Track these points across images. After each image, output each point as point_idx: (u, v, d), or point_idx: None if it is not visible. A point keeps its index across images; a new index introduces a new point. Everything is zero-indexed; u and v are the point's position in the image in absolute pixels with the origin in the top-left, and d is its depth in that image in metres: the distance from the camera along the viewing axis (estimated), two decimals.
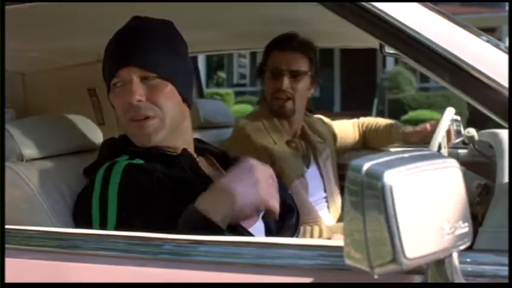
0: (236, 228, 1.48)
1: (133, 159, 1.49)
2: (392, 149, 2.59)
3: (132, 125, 1.52)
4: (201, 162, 1.64)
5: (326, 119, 2.68)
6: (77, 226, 1.50)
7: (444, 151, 2.20)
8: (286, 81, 2.28)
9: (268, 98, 2.33)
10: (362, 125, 2.72)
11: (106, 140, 1.67)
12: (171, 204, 1.41)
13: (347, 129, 2.70)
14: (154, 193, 1.42)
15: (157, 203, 1.41)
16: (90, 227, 1.42)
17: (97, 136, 1.83)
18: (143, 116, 1.50)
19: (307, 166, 2.37)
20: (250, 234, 1.53)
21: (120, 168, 1.45)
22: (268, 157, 2.16)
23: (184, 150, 1.57)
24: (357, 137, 2.70)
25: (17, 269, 1.25)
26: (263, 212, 1.63)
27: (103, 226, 1.41)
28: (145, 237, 1.21)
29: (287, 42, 2.29)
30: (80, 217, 1.49)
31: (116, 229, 1.39)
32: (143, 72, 1.50)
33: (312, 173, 2.36)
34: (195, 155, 1.63)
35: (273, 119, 2.31)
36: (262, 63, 2.37)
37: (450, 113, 2.25)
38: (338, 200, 2.43)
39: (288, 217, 1.68)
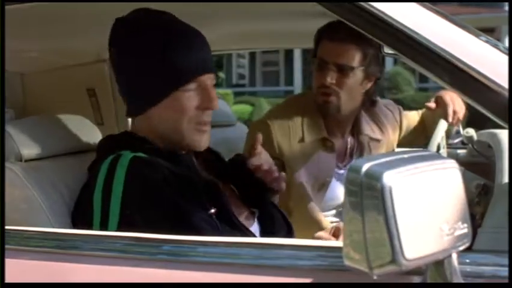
0: (240, 229, 1.48)
1: (136, 153, 1.47)
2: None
3: (198, 128, 1.52)
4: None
5: (395, 105, 2.42)
6: (76, 221, 1.49)
7: (444, 151, 2.20)
8: (330, 76, 2.02)
9: (314, 91, 2.10)
10: (423, 115, 2.44)
11: (105, 138, 1.64)
12: (177, 201, 1.41)
13: (414, 119, 2.43)
14: (161, 189, 1.41)
15: (164, 200, 1.41)
16: (90, 221, 1.41)
17: (95, 136, 1.83)
18: (209, 122, 1.54)
19: (341, 167, 2.17)
20: (252, 235, 1.53)
21: (126, 161, 1.43)
22: (280, 156, 2.05)
23: (188, 151, 1.57)
24: (420, 129, 2.42)
25: (15, 269, 1.24)
26: (258, 214, 1.64)
27: (103, 221, 1.40)
28: (143, 238, 1.21)
29: (336, 31, 2.00)
30: (81, 211, 1.48)
31: (118, 225, 1.38)
32: (214, 79, 1.55)
33: (343, 176, 2.14)
34: None
35: (315, 113, 2.11)
36: (313, 52, 2.12)
37: None
38: None
39: (277, 217, 1.67)
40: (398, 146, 2.41)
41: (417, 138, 2.40)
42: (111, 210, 1.39)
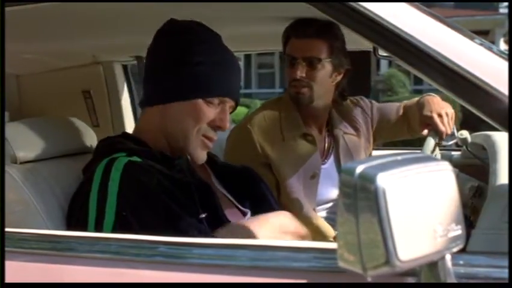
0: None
1: (131, 157, 1.49)
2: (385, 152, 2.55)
3: (204, 142, 1.59)
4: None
5: (367, 100, 2.48)
6: (70, 220, 1.50)
7: (438, 153, 2.20)
8: (300, 70, 2.11)
9: (287, 86, 2.21)
10: (405, 107, 2.46)
11: (103, 139, 1.65)
12: (169, 206, 1.41)
13: (389, 111, 2.47)
14: (154, 193, 1.42)
15: (156, 204, 1.42)
16: (85, 221, 1.42)
17: (91, 138, 1.83)
18: (214, 140, 1.62)
19: (324, 162, 2.23)
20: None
21: (120, 165, 1.44)
22: (264, 158, 2.09)
23: (183, 154, 1.58)
24: (400, 120, 2.44)
25: (10, 271, 1.24)
26: (249, 214, 1.65)
27: (99, 221, 1.40)
28: (139, 240, 1.21)
29: (301, 29, 2.12)
30: (76, 212, 1.48)
31: (114, 225, 1.39)
32: (232, 108, 1.63)
33: (327, 170, 2.21)
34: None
35: (292, 110, 2.18)
36: (283, 51, 2.22)
37: None
38: None
39: None
40: (386, 143, 2.43)
41: (398, 130, 2.45)
42: (107, 211, 1.40)
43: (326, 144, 2.26)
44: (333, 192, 2.19)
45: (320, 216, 2.15)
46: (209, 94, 1.56)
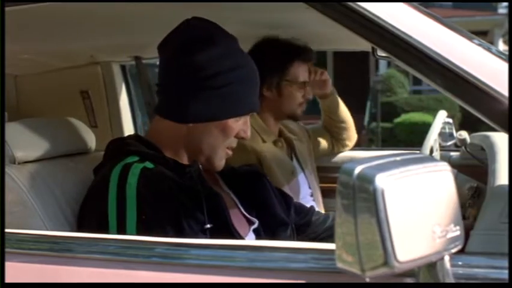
0: (234, 235, 1.49)
1: (143, 162, 1.48)
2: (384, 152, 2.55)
3: (227, 152, 1.62)
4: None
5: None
6: (83, 223, 1.49)
7: (437, 154, 2.21)
8: (311, 91, 2.39)
9: (293, 107, 2.35)
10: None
11: (114, 140, 1.64)
12: (180, 213, 1.42)
13: (320, 131, 2.70)
14: (167, 200, 1.43)
15: (170, 212, 1.42)
16: (105, 228, 1.40)
17: (89, 139, 1.83)
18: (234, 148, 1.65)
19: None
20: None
21: (137, 170, 1.44)
22: (257, 159, 2.15)
23: (195, 161, 1.57)
24: (328, 140, 2.70)
25: (9, 272, 1.24)
26: (256, 224, 1.64)
27: (120, 228, 1.39)
28: (137, 240, 1.21)
29: (307, 53, 2.32)
30: (93, 217, 1.46)
31: (136, 231, 1.38)
32: None
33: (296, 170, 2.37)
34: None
35: (258, 119, 2.29)
36: (280, 74, 2.31)
37: (442, 116, 2.27)
38: (319, 196, 2.42)
39: (279, 231, 1.68)
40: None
41: (328, 146, 2.69)
42: (128, 217, 1.39)
43: (287, 149, 2.40)
44: (305, 190, 2.35)
45: None
46: (240, 113, 1.58)
